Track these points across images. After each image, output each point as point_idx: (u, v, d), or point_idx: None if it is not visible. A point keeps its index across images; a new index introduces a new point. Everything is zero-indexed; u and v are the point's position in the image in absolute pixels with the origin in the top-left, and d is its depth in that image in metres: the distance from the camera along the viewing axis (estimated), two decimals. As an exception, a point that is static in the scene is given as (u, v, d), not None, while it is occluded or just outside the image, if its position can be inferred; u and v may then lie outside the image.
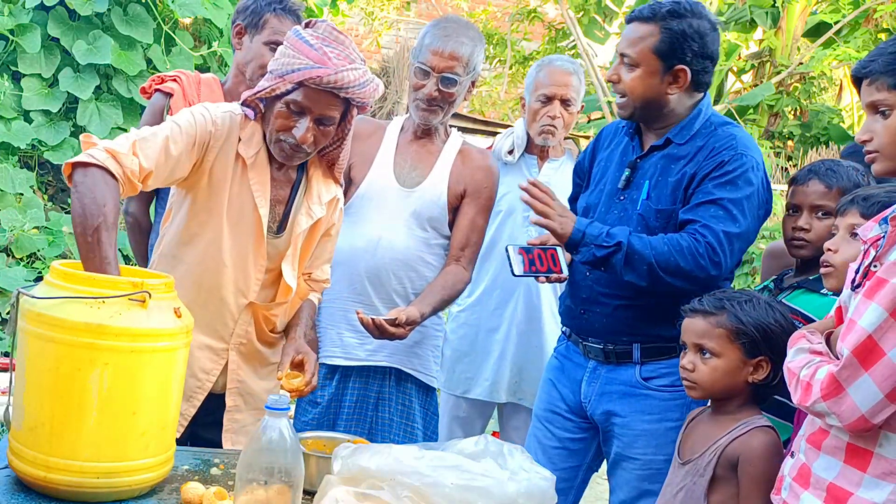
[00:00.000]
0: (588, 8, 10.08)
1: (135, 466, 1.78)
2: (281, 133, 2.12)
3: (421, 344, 2.74)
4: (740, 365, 2.03)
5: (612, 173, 2.54)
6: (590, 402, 2.51)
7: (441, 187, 2.69)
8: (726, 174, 2.30)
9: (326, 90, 2.07)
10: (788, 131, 10.65)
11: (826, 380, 1.58)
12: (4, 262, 5.05)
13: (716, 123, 2.43)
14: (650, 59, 2.36)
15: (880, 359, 1.52)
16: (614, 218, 2.45)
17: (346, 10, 7.58)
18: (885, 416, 1.55)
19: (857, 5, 9.58)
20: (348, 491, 1.67)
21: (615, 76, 2.43)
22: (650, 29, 2.35)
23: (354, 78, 2.06)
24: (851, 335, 1.57)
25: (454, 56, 2.59)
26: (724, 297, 2.08)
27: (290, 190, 2.26)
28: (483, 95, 11.66)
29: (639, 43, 2.36)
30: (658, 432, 2.41)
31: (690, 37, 2.34)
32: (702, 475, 2.01)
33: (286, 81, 2.08)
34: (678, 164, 2.39)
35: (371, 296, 2.66)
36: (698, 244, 2.25)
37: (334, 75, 2.04)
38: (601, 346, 2.48)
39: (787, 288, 2.35)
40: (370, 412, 2.69)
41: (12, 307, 1.80)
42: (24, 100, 5.32)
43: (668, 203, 2.38)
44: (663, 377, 2.44)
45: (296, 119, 2.10)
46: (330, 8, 6.81)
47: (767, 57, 10.56)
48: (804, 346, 1.73)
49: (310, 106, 2.09)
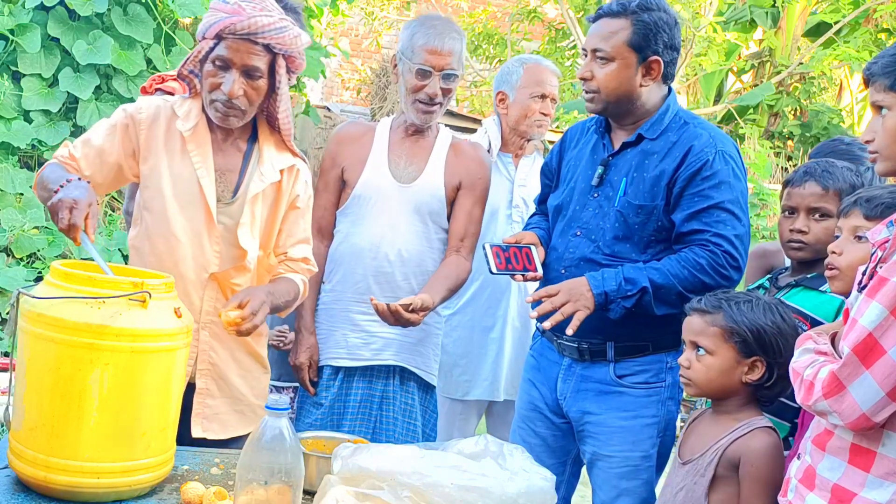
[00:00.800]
0: (588, 8, 10.07)
1: (135, 466, 1.78)
2: (213, 93, 2.18)
3: (423, 342, 2.74)
4: (734, 364, 2.03)
5: (583, 171, 2.54)
6: (565, 399, 2.51)
7: (438, 180, 2.70)
8: (716, 175, 2.32)
9: (243, 38, 2.13)
10: (788, 131, 10.66)
11: (827, 378, 1.59)
12: (4, 262, 5.05)
13: (684, 118, 2.45)
14: (625, 52, 2.37)
15: (881, 357, 1.53)
16: (589, 215, 2.46)
17: (346, 10, 7.58)
18: (886, 414, 1.55)
19: (857, 5, 9.58)
20: (348, 491, 1.67)
21: (588, 73, 2.43)
22: (622, 23, 2.37)
23: (268, 22, 2.12)
24: (852, 333, 1.57)
25: (451, 52, 2.63)
26: (724, 297, 2.09)
27: (243, 160, 2.29)
28: (483, 95, 11.65)
29: (611, 37, 2.38)
30: (634, 429, 2.42)
31: (661, 28, 2.38)
32: (702, 475, 2.01)
33: (207, 39, 2.16)
34: (653, 159, 2.40)
35: (377, 294, 2.66)
36: (716, 257, 2.28)
37: (247, 21, 2.10)
38: (575, 345, 2.47)
39: (785, 286, 2.34)
40: (375, 411, 2.69)
41: (12, 307, 1.80)
42: (24, 100, 5.32)
43: (646, 199, 2.39)
44: (637, 374, 2.44)
45: (222, 75, 2.16)
46: (330, 8, 6.80)
47: (767, 57, 10.56)
48: (809, 347, 1.74)
49: (231, 57, 2.14)
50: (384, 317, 2.46)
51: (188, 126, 2.23)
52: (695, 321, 2.10)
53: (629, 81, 2.40)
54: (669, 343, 2.44)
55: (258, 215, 2.27)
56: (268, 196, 2.28)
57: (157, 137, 2.23)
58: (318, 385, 2.74)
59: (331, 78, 12.24)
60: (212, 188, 2.22)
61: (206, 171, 2.22)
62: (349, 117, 9.17)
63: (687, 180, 2.34)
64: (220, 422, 2.30)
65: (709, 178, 2.32)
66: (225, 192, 2.25)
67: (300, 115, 6.85)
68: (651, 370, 2.44)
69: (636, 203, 2.39)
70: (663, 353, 2.44)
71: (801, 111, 10.83)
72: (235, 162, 2.28)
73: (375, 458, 1.71)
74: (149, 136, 2.23)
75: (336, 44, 9.09)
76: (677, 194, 2.35)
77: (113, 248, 5.19)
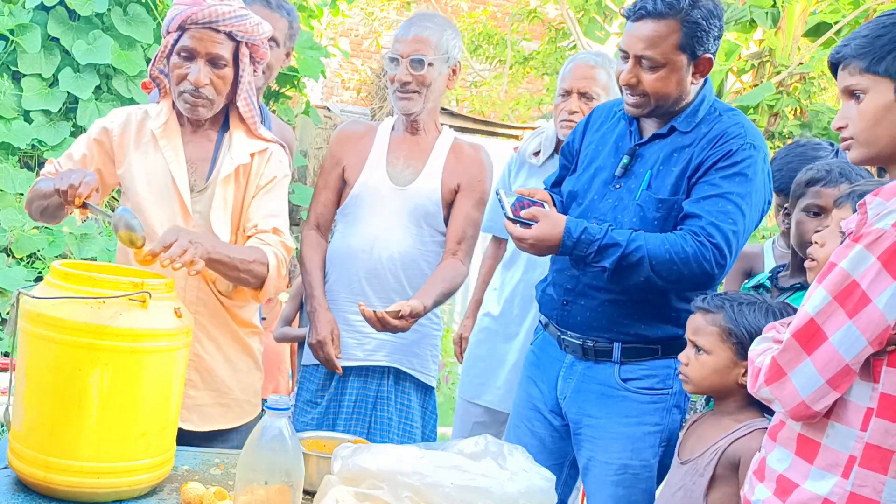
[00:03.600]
0: (588, 8, 10.06)
1: (135, 466, 1.78)
2: (180, 84, 2.22)
3: (419, 343, 2.73)
4: (730, 365, 2.03)
5: (605, 159, 2.40)
6: (565, 398, 2.41)
7: (435, 183, 2.69)
8: (734, 164, 2.19)
9: (205, 27, 2.18)
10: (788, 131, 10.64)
11: (769, 364, 1.57)
12: (4, 262, 5.05)
13: (720, 109, 2.33)
14: (676, 56, 2.20)
15: (822, 343, 1.50)
16: (607, 207, 2.33)
17: (346, 10, 7.58)
18: (826, 402, 1.52)
19: (857, 5, 9.57)
20: (348, 491, 1.67)
21: (633, 79, 2.24)
22: (671, 25, 2.18)
23: (228, 10, 2.18)
24: (795, 318, 1.56)
25: (418, 39, 2.63)
26: (728, 297, 2.08)
27: (214, 149, 2.31)
28: (483, 95, 11.65)
29: (660, 43, 2.19)
30: (635, 436, 2.32)
31: (712, 22, 2.20)
32: (701, 475, 2.01)
33: (170, 33, 2.21)
34: (682, 153, 2.28)
35: (370, 296, 2.66)
36: (704, 248, 2.14)
37: (207, 10, 2.16)
38: (580, 342, 2.37)
39: (788, 289, 2.31)
40: (369, 411, 2.69)
41: (12, 307, 1.80)
42: (24, 100, 5.32)
43: (668, 193, 2.26)
44: (643, 379, 2.33)
45: (188, 66, 2.21)
46: (330, 8, 6.80)
47: (767, 57, 10.55)
48: (769, 335, 1.71)
49: (195, 47, 2.19)
50: (372, 323, 2.45)
51: (159, 123, 2.29)
52: (696, 319, 2.10)
53: (680, 84, 2.25)
54: (679, 348, 2.21)
55: (229, 199, 2.28)
56: (240, 180, 2.30)
57: (128, 141, 2.30)
58: (314, 384, 2.74)
59: (331, 78, 12.24)
60: (184, 179, 2.25)
61: (177, 164, 2.26)
62: (349, 117, 9.16)
63: (706, 170, 2.22)
64: (201, 413, 2.29)
65: (725, 168, 2.20)
66: (198, 182, 2.28)
67: (300, 115, 6.85)
68: (658, 376, 2.33)
69: (658, 197, 2.26)
70: (672, 359, 2.28)
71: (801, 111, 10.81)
72: (206, 151, 2.31)
73: (375, 458, 1.71)
74: (120, 142, 2.30)
75: (336, 44, 9.10)
76: (694, 182, 2.24)
77: (113, 248, 5.19)
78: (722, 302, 2.07)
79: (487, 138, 8.34)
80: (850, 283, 1.49)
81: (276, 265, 2.20)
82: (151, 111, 2.33)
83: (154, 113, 2.32)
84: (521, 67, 11.18)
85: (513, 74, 11.27)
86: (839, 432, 1.54)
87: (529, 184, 3.14)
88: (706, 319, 2.07)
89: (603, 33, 10.41)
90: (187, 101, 2.23)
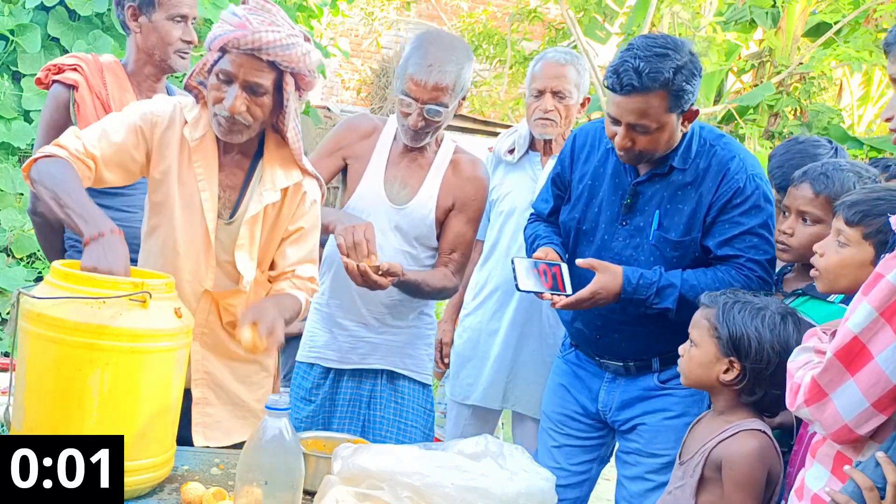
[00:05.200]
0: (588, 8, 10.06)
1: (135, 466, 1.78)
2: (216, 106, 2.11)
3: (412, 344, 2.74)
4: (713, 360, 2.04)
5: (605, 196, 2.47)
6: (610, 410, 2.55)
7: (430, 205, 2.66)
8: (747, 200, 2.33)
9: (248, 53, 2.06)
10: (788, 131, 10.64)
11: (809, 383, 1.48)
12: (4, 262, 5.05)
13: (708, 139, 2.41)
14: (667, 118, 2.28)
15: (867, 363, 1.40)
16: (620, 245, 2.44)
17: (346, 10, 7.58)
18: (871, 426, 1.43)
19: (857, 5, 9.57)
20: (348, 491, 1.67)
21: (627, 143, 2.30)
22: (659, 95, 2.23)
23: (274, 39, 2.04)
24: (837, 336, 1.45)
25: (438, 87, 2.50)
26: (728, 295, 2.08)
27: (245, 177, 2.23)
28: (483, 95, 11.65)
29: (650, 112, 2.25)
30: (678, 427, 2.43)
31: (693, 82, 2.27)
32: (691, 476, 2.01)
33: (212, 51, 2.10)
34: (687, 190, 2.38)
35: (360, 306, 2.67)
36: (750, 281, 2.31)
37: (252, 35, 2.03)
38: (621, 364, 2.51)
39: (792, 294, 2.30)
40: (363, 411, 2.71)
41: (13, 307, 1.80)
42: (24, 100, 5.32)
43: (682, 233, 2.37)
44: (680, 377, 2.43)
45: (225, 89, 2.09)
46: (330, 8, 6.80)
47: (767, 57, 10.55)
48: (810, 345, 1.63)
49: (234, 72, 2.07)
50: (353, 277, 2.40)
51: (195, 136, 2.17)
52: (697, 313, 2.12)
53: (671, 137, 2.33)
54: None
55: (256, 236, 2.21)
56: (269, 216, 2.22)
57: (171, 142, 2.17)
58: (308, 381, 2.74)
59: (331, 78, 12.24)
60: (212, 205, 2.17)
61: (206, 184, 2.17)
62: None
63: (720, 209, 2.34)
64: (223, 429, 2.27)
65: (740, 205, 2.33)
66: (224, 211, 2.21)
67: (300, 115, 6.85)
68: None
69: (674, 239, 2.38)
70: None
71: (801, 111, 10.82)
72: (237, 179, 2.22)
73: (375, 458, 1.71)
74: (163, 140, 2.17)
75: (336, 44, 9.09)
76: (710, 222, 2.36)
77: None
78: (719, 298, 2.08)
79: (487, 138, 8.35)
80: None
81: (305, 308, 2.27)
82: (189, 114, 2.19)
83: (191, 119, 2.19)
84: (521, 67, 11.17)
85: (513, 74, 11.26)
86: None
87: (507, 181, 3.14)
88: (702, 313, 2.10)
89: (603, 33, 10.41)
90: (221, 125, 2.12)
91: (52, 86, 2.65)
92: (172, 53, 2.67)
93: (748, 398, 2.02)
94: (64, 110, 2.61)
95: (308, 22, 6.46)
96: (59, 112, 2.61)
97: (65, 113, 2.60)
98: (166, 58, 2.66)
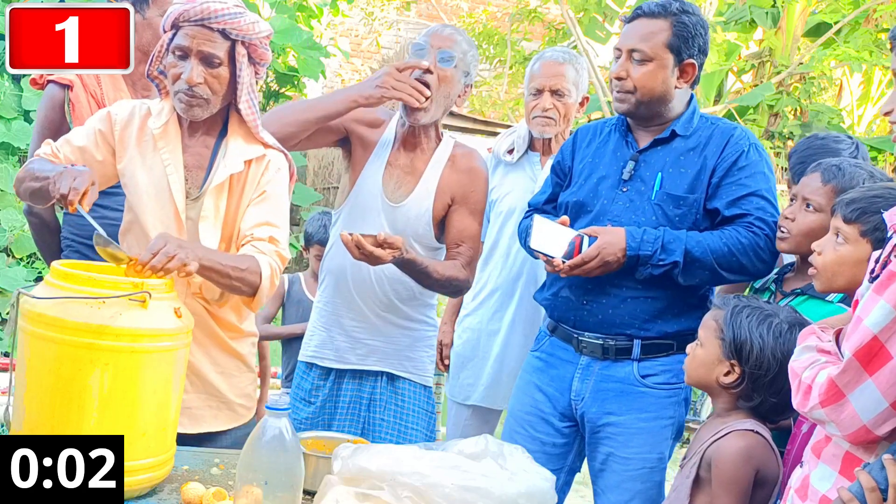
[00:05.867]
0: (588, 8, 10.07)
1: (135, 466, 1.78)
2: (175, 84, 2.19)
3: (412, 347, 2.72)
4: (715, 361, 2.04)
5: (606, 167, 2.50)
6: (582, 400, 2.46)
7: (426, 203, 2.65)
8: (751, 164, 2.37)
9: (198, 24, 2.14)
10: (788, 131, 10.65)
11: (825, 384, 1.45)
12: (4, 262, 5.05)
13: (710, 119, 2.50)
14: (663, 53, 2.38)
15: (886, 363, 1.38)
16: (619, 209, 2.43)
17: (346, 10, 7.58)
18: (889, 426, 1.41)
19: (857, 5, 9.58)
20: (348, 491, 1.67)
21: (623, 72, 2.40)
22: (661, 24, 2.37)
23: (221, 7, 2.14)
24: (855, 335, 1.42)
25: (450, 38, 2.60)
26: (738, 299, 2.08)
27: (210, 155, 2.27)
28: (483, 95, 11.66)
29: (651, 38, 2.37)
30: (654, 430, 2.41)
31: (698, 32, 2.39)
32: (687, 476, 2.02)
33: (166, 32, 2.19)
34: (691, 154, 2.42)
35: (360, 305, 2.67)
36: (759, 238, 2.31)
37: (199, 6, 2.13)
38: (600, 342, 2.43)
39: (791, 294, 2.29)
40: (363, 412, 2.70)
41: (12, 307, 1.80)
42: (24, 100, 5.33)
43: (687, 190, 2.39)
44: (660, 374, 2.42)
45: (182, 64, 2.17)
46: (330, 8, 6.80)
47: (767, 57, 10.56)
48: (811, 344, 1.61)
49: (189, 45, 2.16)
50: (349, 248, 2.36)
51: (159, 123, 2.25)
52: (706, 314, 2.13)
53: (665, 82, 2.40)
54: None
55: (221, 208, 2.24)
56: (234, 188, 2.25)
57: (130, 136, 2.25)
58: (309, 382, 2.74)
59: (331, 78, 12.23)
60: (180, 185, 2.22)
61: (174, 168, 2.23)
62: (349, 117, 9.15)
63: (726, 170, 2.37)
64: (191, 416, 2.26)
65: (746, 168, 2.37)
66: (192, 189, 2.25)
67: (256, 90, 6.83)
68: (673, 370, 2.41)
69: (677, 194, 2.39)
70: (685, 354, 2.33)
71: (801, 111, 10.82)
72: (203, 158, 2.27)
73: (375, 458, 1.71)
74: (123, 136, 2.25)
75: (336, 44, 9.10)
76: (716, 184, 2.38)
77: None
78: (730, 301, 2.08)
79: (487, 138, 8.36)
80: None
81: (269, 275, 2.14)
82: (153, 108, 2.28)
83: (155, 111, 2.27)
84: (521, 67, 11.18)
85: (513, 74, 11.27)
86: None
87: (506, 181, 3.15)
88: (712, 314, 2.10)
89: (603, 33, 10.41)
90: (182, 101, 2.19)
91: (47, 85, 2.67)
92: None
93: (746, 403, 2.01)
94: (59, 110, 2.62)
95: (308, 22, 6.46)
96: (55, 111, 2.63)
97: (60, 112, 2.62)
98: None
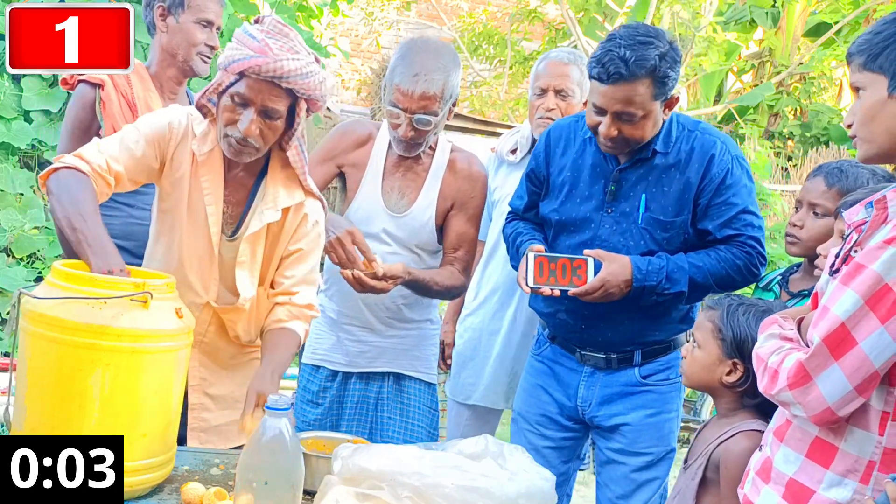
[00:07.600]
0: (588, 8, 10.08)
1: (135, 467, 1.78)
2: (227, 127, 2.11)
3: (419, 346, 2.75)
4: (716, 361, 2.04)
5: (587, 186, 2.48)
6: (589, 406, 2.53)
7: (429, 212, 2.65)
8: (736, 181, 2.38)
9: (267, 80, 2.06)
10: (788, 131, 10.67)
11: (794, 368, 1.53)
12: (4, 262, 5.05)
13: (686, 125, 2.45)
14: (651, 105, 2.30)
15: (852, 348, 1.46)
16: (607, 233, 2.43)
17: (346, 10, 7.58)
18: (851, 408, 1.49)
19: (857, 5, 9.59)
20: (348, 491, 1.67)
21: (614, 132, 2.31)
22: (644, 83, 2.26)
23: (295, 67, 2.05)
24: (823, 322, 1.50)
25: (425, 96, 2.46)
26: (732, 298, 2.09)
27: (249, 194, 2.23)
28: (483, 95, 11.66)
29: (637, 99, 2.27)
30: (658, 424, 2.50)
31: (675, 69, 2.31)
32: (692, 478, 2.02)
33: (229, 73, 2.08)
34: (671, 173, 2.40)
35: (366, 314, 2.68)
36: (752, 257, 2.37)
37: (273, 64, 2.03)
38: (602, 356, 2.51)
39: (797, 295, 2.30)
40: (371, 412, 2.71)
41: (13, 307, 1.80)
42: (24, 100, 5.32)
43: (672, 214, 2.39)
44: (660, 372, 2.51)
45: (240, 112, 2.09)
46: (330, 8, 6.80)
47: (767, 57, 10.57)
48: (775, 332, 1.67)
49: (252, 97, 2.07)
50: (350, 283, 2.43)
51: (203, 150, 2.18)
52: (701, 315, 2.13)
53: (655, 125, 2.36)
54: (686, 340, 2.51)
55: (258, 254, 2.22)
56: (270, 234, 2.22)
57: (184, 154, 2.18)
58: (315, 385, 2.75)
59: (331, 78, 12.25)
60: (216, 217, 2.18)
61: (213, 199, 2.18)
62: (349, 117, 9.17)
63: (713, 191, 2.38)
64: (221, 433, 2.27)
65: (732, 187, 2.38)
66: (227, 227, 2.22)
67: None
68: (672, 366, 2.51)
69: (663, 220, 2.40)
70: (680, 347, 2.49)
71: (801, 111, 10.84)
72: (241, 196, 2.22)
73: (375, 458, 1.72)
74: (177, 152, 2.18)
75: (336, 44, 9.10)
76: (704, 205, 2.39)
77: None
78: (723, 301, 2.08)
79: (487, 138, 8.35)
80: (883, 287, 1.44)
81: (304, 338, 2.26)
82: (198, 129, 2.19)
83: (200, 133, 2.19)
84: (521, 67, 11.20)
85: (513, 74, 11.28)
86: (858, 437, 1.51)
87: (509, 181, 3.14)
88: (706, 315, 2.10)
89: (603, 33, 10.41)
90: (232, 146, 2.11)
91: (78, 85, 2.70)
92: (195, 55, 2.75)
93: (751, 401, 2.02)
94: (90, 109, 2.65)
95: (308, 22, 6.46)
96: (86, 111, 2.65)
97: (91, 112, 2.64)
98: (189, 59, 2.73)
